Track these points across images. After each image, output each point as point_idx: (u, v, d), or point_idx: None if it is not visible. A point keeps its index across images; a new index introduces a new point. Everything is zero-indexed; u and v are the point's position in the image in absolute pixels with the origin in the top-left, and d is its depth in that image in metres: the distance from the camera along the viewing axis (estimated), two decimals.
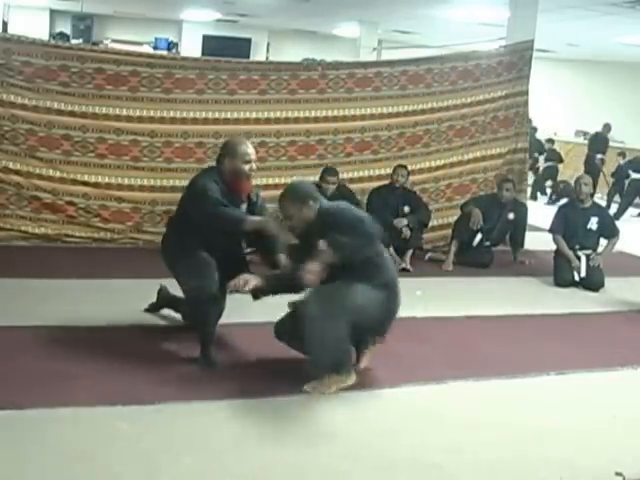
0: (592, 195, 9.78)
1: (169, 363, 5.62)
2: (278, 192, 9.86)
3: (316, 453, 4.44)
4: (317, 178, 9.43)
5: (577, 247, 9.27)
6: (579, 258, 9.20)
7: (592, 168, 17.82)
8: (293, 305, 5.52)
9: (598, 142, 18.66)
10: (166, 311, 6.69)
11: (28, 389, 4.97)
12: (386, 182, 9.89)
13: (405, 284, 8.50)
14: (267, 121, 9.89)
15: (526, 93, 11.03)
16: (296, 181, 7.35)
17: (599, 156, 18.35)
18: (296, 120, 10.01)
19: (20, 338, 5.94)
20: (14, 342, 5.84)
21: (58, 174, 9.22)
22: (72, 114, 9.20)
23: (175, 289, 6.21)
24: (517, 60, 10.90)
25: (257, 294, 5.65)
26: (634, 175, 16.54)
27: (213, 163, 9.18)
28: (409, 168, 9.92)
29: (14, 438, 4.33)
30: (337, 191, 9.44)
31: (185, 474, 4.14)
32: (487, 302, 8.25)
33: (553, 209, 10.39)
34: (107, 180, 9.38)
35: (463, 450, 4.65)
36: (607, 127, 19.14)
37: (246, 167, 5.96)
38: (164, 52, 21.74)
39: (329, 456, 4.43)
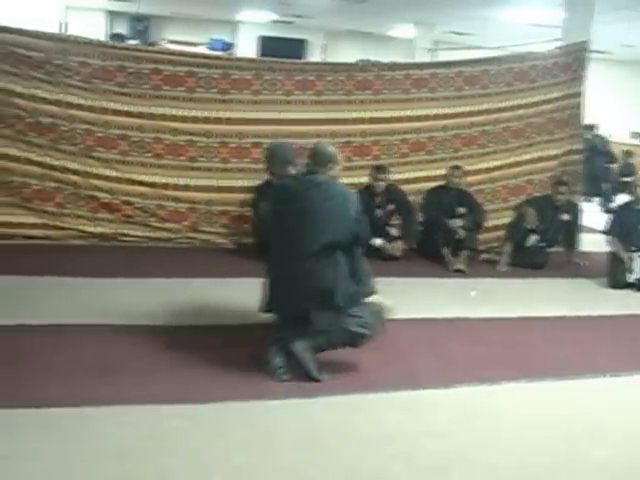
0: None
1: (222, 362, 5.61)
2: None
3: (369, 454, 4.44)
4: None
5: (633, 248, 9.20)
6: (634, 260, 9.13)
7: None
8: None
9: None
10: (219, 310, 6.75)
11: (80, 386, 5.02)
12: (441, 183, 9.89)
13: (459, 285, 8.65)
14: (323, 122, 9.88)
15: (581, 94, 10.94)
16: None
17: None
18: (352, 121, 10.00)
19: (77, 335, 6.00)
20: (70, 339, 5.90)
21: (115, 174, 9.30)
22: (129, 114, 9.28)
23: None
24: (572, 61, 10.80)
25: None
26: None
27: None
28: (465, 169, 9.92)
29: (66, 436, 4.38)
30: (386, 189, 9.45)
31: (236, 473, 4.16)
32: (541, 303, 8.21)
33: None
34: (164, 180, 9.44)
35: (517, 451, 4.64)
36: None
37: None
38: (220, 53, 21.86)
39: (382, 457, 4.43)
